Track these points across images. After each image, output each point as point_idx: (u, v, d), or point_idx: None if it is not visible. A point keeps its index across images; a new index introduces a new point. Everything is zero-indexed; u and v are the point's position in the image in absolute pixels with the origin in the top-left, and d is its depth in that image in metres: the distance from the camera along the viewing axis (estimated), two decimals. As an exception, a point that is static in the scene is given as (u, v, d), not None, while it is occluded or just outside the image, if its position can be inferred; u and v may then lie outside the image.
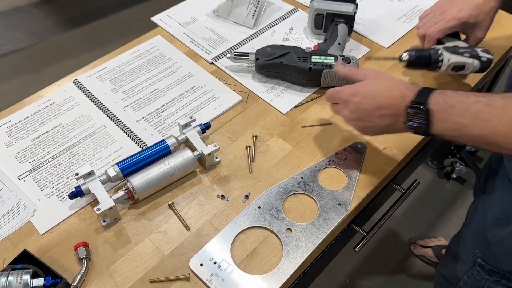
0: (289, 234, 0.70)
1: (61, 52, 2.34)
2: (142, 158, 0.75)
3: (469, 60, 0.82)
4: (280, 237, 0.69)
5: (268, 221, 0.71)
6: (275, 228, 0.70)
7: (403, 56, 0.83)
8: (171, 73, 0.96)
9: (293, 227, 0.70)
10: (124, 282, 0.65)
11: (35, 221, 0.72)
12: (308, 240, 0.69)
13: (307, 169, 0.77)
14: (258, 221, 0.71)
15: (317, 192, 0.74)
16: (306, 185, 0.75)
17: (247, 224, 0.71)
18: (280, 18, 1.09)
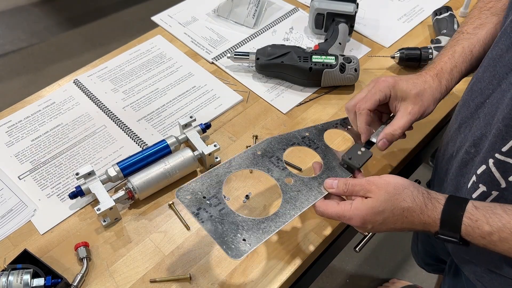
0: (289, 184, 0.62)
1: (61, 52, 2.34)
2: (142, 157, 0.75)
3: None
4: (279, 185, 0.62)
5: (267, 168, 0.64)
6: (274, 175, 0.63)
7: (395, 54, 0.94)
8: (172, 72, 0.96)
9: (294, 178, 0.63)
10: (124, 282, 0.65)
11: (36, 221, 0.72)
12: (310, 193, 0.61)
13: (313, 127, 0.72)
14: (256, 165, 0.64)
15: (322, 150, 0.68)
16: (311, 142, 0.69)
17: (244, 167, 0.64)
18: (281, 18, 1.09)
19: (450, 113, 0.88)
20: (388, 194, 0.55)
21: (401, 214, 0.54)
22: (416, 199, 0.54)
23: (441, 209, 0.52)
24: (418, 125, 0.85)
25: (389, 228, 0.57)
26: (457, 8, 1.09)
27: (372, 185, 0.56)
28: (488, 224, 0.49)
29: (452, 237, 0.52)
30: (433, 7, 1.05)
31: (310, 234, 0.70)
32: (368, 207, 0.56)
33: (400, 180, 0.56)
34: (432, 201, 0.54)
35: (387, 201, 0.55)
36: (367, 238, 0.79)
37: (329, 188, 0.61)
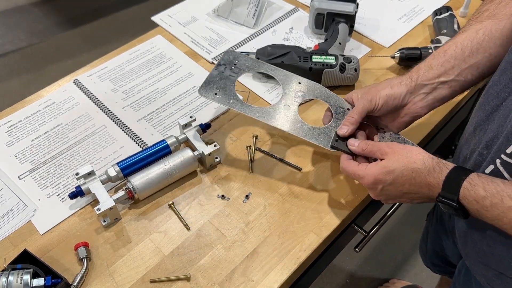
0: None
1: (61, 52, 2.34)
2: (142, 157, 0.75)
3: None
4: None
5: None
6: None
7: (395, 53, 0.94)
8: (172, 72, 0.96)
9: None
10: (124, 282, 0.65)
11: (35, 221, 0.72)
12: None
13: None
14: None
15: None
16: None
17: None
18: (281, 18, 1.09)
19: (448, 116, 0.88)
20: (401, 156, 0.59)
21: (409, 175, 0.58)
22: (426, 162, 0.57)
23: (446, 173, 0.56)
24: (417, 127, 0.85)
25: (397, 191, 0.61)
26: (457, 8, 1.09)
27: (389, 149, 0.61)
28: (484, 189, 0.52)
29: (451, 199, 0.54)
30: (433, 7, 1.05)
31: (310, 234, 0.70)
32: (381, 166, 0.61)
33: (415, 147, 0.61)
34: (440, 165, 0.57)
35: (398, 161, 0.59)
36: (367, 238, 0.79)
37: (351, 146, 0.67)
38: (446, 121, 0.91)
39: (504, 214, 0.51)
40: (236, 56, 0.79)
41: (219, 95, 0.73)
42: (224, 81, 0.75)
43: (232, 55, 0.79)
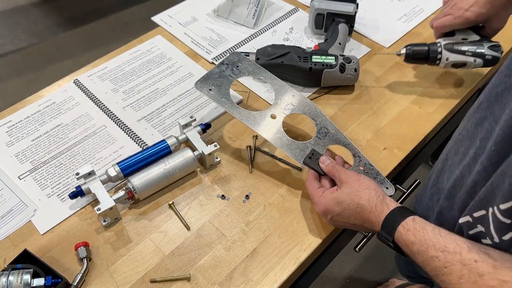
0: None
1: (61, 52, 2.34)
2: (142, 158, 0.75)
3: (470, 59, 0.81)
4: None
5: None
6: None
7: (401, 50, 0.87)
8: (172, 72, 0.96)
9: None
10: (124, 282, 0.65)
11: (36, 221, 0.72)
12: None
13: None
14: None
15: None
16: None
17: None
18: (281, 18, 1.09)
19: (450, 114, 0.88)
20: (352, 189, 0.63)
21: (355, 209, 0.62)
22: (371, 200, 0.61)
23: (387, 213, 0.59)
24: (418, 125, 0.85)
25: (345, 222, 0.65)
26: (457, 8, 1.09)
27: (346, 179, 0.65)
28: (414, 236, 0.55)
29: (387, 239, 0.59)
30: (433, 7, 1.05)
31: (310, 234, 0.70)
32: (332, 197, 0.65)
33: (368, 182, 0.64)
34: (382, 205, 0.60)
35: (348, 194, 0.63)
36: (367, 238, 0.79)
37: (321, 163, 0.71)
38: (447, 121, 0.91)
39: (427, 262, 0.53)
40: (241, 59, 0.81)
41: (213, 91, 0.76)
42: (221, 80, 0.78)
43: (237, 57, 0.81)
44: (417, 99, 0.90)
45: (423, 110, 0.88)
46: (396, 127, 0.85)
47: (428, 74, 0.95)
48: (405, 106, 0.89)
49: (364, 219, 0.62)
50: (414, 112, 0.88)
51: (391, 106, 0.89)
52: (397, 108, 0.88)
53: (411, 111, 0.88)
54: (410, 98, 0.90)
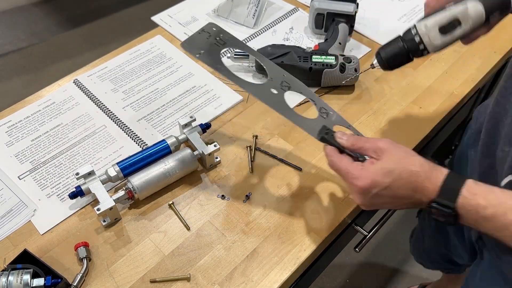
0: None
1: (61, 52, 2.34)
2: (142, 157, 0.75)
3: (458, 8, 0.56)
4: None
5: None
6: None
7: (373, 61, 0.68)
8: (172, 72, 0.96)
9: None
10: (124, 282, 0.65)
11: (35, 221, 0.72)
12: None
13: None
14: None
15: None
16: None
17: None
18: (281, 18, 1.09)
19: (450, 113, 0.88)
20: (399, 156, 0.55)
21: (407, 178, 0.54)
22: (424, 165, 0.54)
23: (443, 178, 0.53)
24: (418, 125, 0.85)
25: (391, 196, 0.56)
26: (457, 8, 1.09)
27: (385, 146, 0.56)
28: (485, 199, 0.49)
29: (447, 206, 0.51)
30: (433, 7, 1.05)
31: (310, 234, 0.70)
32: (379, 168, 0.55)
33: (407, 149, 0.57)
34: (436, 169, 0.54)
35: (397, 162, 0.55)
36: (367, 238, 0.79)
37: (339, 139, 0.61)
38: (447, 121, 0.91)
39: (506, 227, 0.48)
40: (221, 31, 0.72)
41: (204, 55, 0.68)
42: (209, 46, 0.69)
43: (216, 28, 0.72)
44: (417, 99, 0.90)
45: (423, 110, 0.88)
46: (396, 127, 0.85)
47: (428, 74, 0.95)
48: (405, 106, 0.89)
49: (418, 187, 0.54)
50: (414, 112, 0.88)
51: (391, 106, 0.89)
52: (397, 108, 0.88)
53: (411, 111, 0.88)
54: (410, 98, 0.90)
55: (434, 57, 0.98)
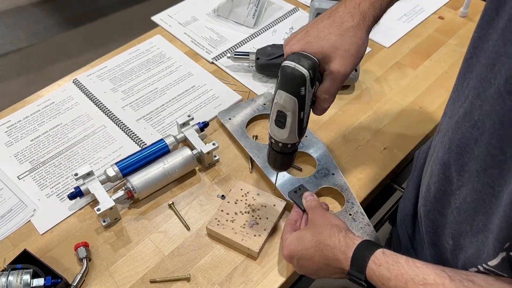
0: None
1: (61, 52, 2.34)
2: (141, 157, 0.75)
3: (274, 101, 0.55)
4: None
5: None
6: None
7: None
8: (171, 72, 0.96)
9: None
10: (124, 282, 0.65)
11: (35, 221, 0.72)
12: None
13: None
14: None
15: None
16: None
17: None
18: (281, 18, 1.09)
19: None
20: (314, 225, 0.59)
21: (317, 246, 0.56)
22: (332, 235, 0.55)
23: (354, 249, 0.53)
24: (419, 125, 0.85)
25: (310, 264, 0.58)
26: (457, 8, 1.09)
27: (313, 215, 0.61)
28: (388, 271, 0.49)
29: (359, 278, 0.52)
30: (433, 7, 1.05)
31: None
32: (295, 237, 0.60)
33: (332, 218, 0.59)
34: (346, 239, 0.54)
35: (310, 231, 0.59)
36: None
37: (304, 198, 0.67)
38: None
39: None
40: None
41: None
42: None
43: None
44: (417, 99, 0.90)
45: (424, 110, 0.88)
46: (396, 127, 0.85)
47: (428, 74, 0.95)
48: (405, 106, 0.89)
49: (329, 257, 0.55)
50: (415, 112, 0.88)
51: (391, 106, 0.88)
52: (397, 108, 0.88)
53: (411, 111, 0.88)
54: (410, 98, 0.90)
55: (434, 57, 0.98)
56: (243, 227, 0.68)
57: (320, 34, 0.54)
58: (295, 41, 0.55)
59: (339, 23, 0.55)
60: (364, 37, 0.55)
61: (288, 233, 0.62)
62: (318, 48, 0.53)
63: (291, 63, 0.51)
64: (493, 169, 0.41)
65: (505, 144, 0.39)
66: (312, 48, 0.54)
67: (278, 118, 0.55)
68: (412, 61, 0.98)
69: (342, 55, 0.54)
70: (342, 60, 0.54)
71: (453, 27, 1.05)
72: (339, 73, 0.54)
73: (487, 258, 0.43)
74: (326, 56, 0.54)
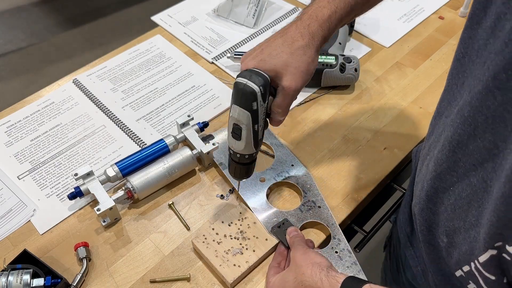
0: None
1: (61, 52, 2.34)
2: (140, 157, 0.75)
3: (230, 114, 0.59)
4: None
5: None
6: None
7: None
8: (171, 72, 0.96)
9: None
10: (124, 282, 0.65)
11: (35, 221, 0.72)
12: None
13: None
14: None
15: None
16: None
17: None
18: (281, 18, 1.09)
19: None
20: (296, 265, 0.57)
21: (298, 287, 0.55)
22: (314, 275, 0.54)
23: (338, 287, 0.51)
24: (419, 125, 0.85)
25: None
26: (457, 8, 1.09)
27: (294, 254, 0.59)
28: None
29: None
30: (434, 7, 1.05)
31: (310, 234, 0.70)
32: (278, 279, 0.59)
33: (314, 256, 0.57)
34: (329, 278, 0.53)
35: (292, 271, 0.57)
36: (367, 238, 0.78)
37: (287, 234, 0.66)
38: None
39: None
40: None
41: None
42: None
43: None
44: (417, 99, 0.90)
45: (424, 110, 0.88)
46: (396, 127, 0.85)
47: (428, 74, 0.95)
48: (405, 106, 0.89)
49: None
50: (415, 112, 0.87)
51: (391, 106, 0.88)
52: (397, 108, 0.88)
53: (411, 111, 0.88)
54: (410, 98, 0.90)
55: (434, 57, 0.98)
56: (226, 253, 0.65)
57: (273, 52, 0.58)
58: (251, 58, 0.59)
59: (290, 42, 0.59)
60: (314, 56, 0.59)
61: (272, 277, 0.61)
62: (271, 65, 0.57)
63: (243, 80, 0.54)
64: (488, 163, 0.42)
65: (498, 139, 0.40)
66: (265, 66, 0.57)
67: (234, 130, 0.58)
68: (412, 61, 0.98)
69: (293, 72, 0.58)
70: (293, 76, 0.58)
71: (453, 27, 1.05)
72: (290, 89, 0.58)
73: (478, 254, 0.44)
74: (278, 73, 0.57)
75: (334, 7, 0.60)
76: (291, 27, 0.60)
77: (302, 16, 0.61)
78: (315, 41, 0.59)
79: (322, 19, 0.60)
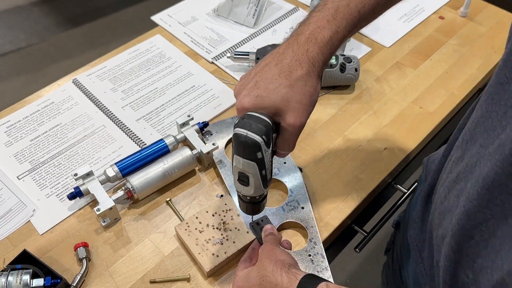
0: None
1: (61, 52, 2.34)
2: (140, 157, 0.75)
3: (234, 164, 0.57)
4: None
5: None
6: None
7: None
8: (171, 72, 0.96)
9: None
10: (124, 283, 0.65)
11: (35, 221, 0.72)
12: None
13: None
14: None
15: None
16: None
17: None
18: (281, 18, 1.09)
19: (450, 113, 0.88)
20: (260, 261, 0.56)
21: (260, 284, 0.54)
22: (275, 271, 0.53)
23: (297, 284, 0.51)
24: (419, 125, 0.85)
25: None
26: (457, 8, 1.09)
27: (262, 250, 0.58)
28: None
29: None
30: (434, 7, 1.05)
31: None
32: (243, 274, 0.58)
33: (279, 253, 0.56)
34: (289, 275, 0.52)
35: (255, 267, 0.56)
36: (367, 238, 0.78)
37: (263, 231, 0.63)
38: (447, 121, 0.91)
39: None
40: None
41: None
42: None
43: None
44: (418, 99, 0.90)
45: (424, 110, 0.88)
46: (397, 127, 0.85)
47: (428, 74, 0.95)
48: (406, 106, 0.88)
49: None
50: (415, 112, 0.87)
51: (391, 106, 0.88)
52: (397, 108, 0.88)
53: (411, 111, 0.88)
54: (410, 98, 0.90)
55: (434, 57, 0.98)
56: (207, 242, 0.66)
57: (270, 86, 0.52)
58: (246, 94, 0.53)
59: (287, 72, 0.52)
60: (316, 84, 0.53)
61: (240, 271, 0.60)
62: (269, 102, 0.51)
63: (243, 131, 0.49)
64: None
65: None
66: (263, 103, 0.51)
67: (241, 178, 0.53)
68: (412, 61, 0.98)
69: (295, 107, 0.52)
70: (296, 112, 0.52)
71: (453, 27, 1.05)
72: (295, 126, 0.52)
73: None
74: (279, 109, 0.51)
75: (335, 27, 0.54)
76: (287, 53, 0.53)
77: (298, 37, 0.54)
78: (316, 68, 0.53)
79: (323, 42, 0.53)
